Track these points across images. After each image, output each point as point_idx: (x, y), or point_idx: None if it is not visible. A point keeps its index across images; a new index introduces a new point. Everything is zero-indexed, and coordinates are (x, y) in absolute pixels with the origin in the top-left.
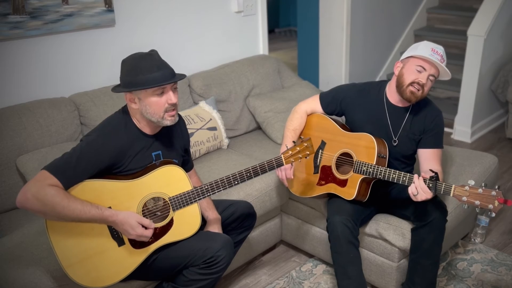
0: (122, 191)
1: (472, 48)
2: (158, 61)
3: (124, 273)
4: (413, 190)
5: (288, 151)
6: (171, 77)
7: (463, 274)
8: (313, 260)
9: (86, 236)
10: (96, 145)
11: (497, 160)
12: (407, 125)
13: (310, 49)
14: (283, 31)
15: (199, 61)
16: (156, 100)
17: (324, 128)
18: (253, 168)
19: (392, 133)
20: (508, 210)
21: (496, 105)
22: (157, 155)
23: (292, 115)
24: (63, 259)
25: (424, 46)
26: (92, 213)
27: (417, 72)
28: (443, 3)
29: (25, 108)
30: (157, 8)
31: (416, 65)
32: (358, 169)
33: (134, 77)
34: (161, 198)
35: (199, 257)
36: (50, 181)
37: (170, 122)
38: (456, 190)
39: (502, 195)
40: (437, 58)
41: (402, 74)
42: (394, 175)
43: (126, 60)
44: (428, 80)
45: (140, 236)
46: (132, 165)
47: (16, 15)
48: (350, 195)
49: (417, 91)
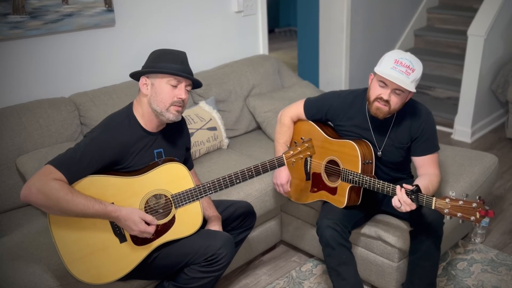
0: (125, 187)
1: (472, 48)
2: (184, 58)
3: (126, 270)
4: (396, 203)
5: (290, 151)
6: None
7: (463, 274)
8: (313, 260)
9: (88, 232)
10: (100, 141)
11: (497, 160)
12: (392, 135)
13: (310, 49)
14: (283, 31)
15: (199, 61)
16: (168, 89)
17: (311, 135)
18: (255, 167)
19: (376, 145)
20: (508, 210)
21: (496, 105)
22: (159, 152)
23: (280, 128)
24: (65, 254)
25: (387, 59)
26: (95, 208)
27: (380, 88)
28: (443, 3)
29: (25, 108)
30: (157, 8)
31: (378, 80)
32: (344, 177)
33: (156, 63)
34: (163, 195)
35: (200, 255)
36: (55, 176)
37: (173, 117)
38: (437, 203)
39: (483, 206)
40: (400, 71)
41: (369, 89)
42: (378, 185)
43: (156, 50)
44: (392, 95)
45: (143, 232)
46: (134, 162)
47: (16, 15)
48: (341, 203)
49: (383, 106)
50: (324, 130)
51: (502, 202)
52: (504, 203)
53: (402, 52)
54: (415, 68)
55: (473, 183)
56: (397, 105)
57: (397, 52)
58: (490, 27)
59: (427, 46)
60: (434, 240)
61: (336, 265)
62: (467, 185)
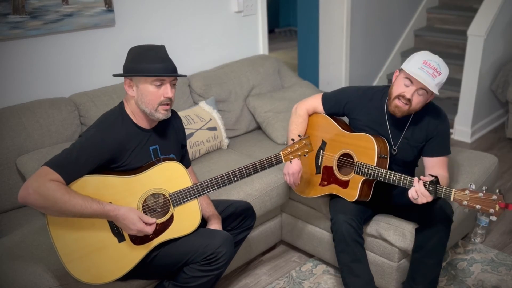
0: (122, 187)
1: (472, 48)
2: (164, 54)
3: (125, 269)
4: (413, 194)
5: (287, 148)
6: (172, 72)
7: (463, 274)
8: (313, 260)
9: (86, 232)
10: (95, 140)
11: (497, 160)
12: (408, 134)
13: (310, 49)
14: (283, 31)
15: (199, 61)
16: (154, 90)
17: (325, 128)
18: (253, 165)
19: (392, 142)
20: (508, 210)
21: (496, 105)
22: (155, 149)
23: (296, 119)
24: (64, 255)
25: (417, 58)
26: (93, 208)
27: (404, 86)
28: (443, 3)
29: (25, 108)
30: (157, 8)
31: (404, 77)
32: (358, 170)
33: (137, 64)
34: (161, 194)
35: (200, 254)
36: (51, 176)
37: (162, 116)
38: (456, 194)
39: (503, 199)
40: (427, 72)
41: (393, 85)
42: (394, 177)
43: (134, 48)
44: (415, 95)
45: (141, 232)
46: (130, 160)
47: (16, 15)
48: (352, 197)
49: (403, 105)
50: (339, 123)
51: None
52: None
53: (431, 54)
54: (442, 72)
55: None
56: (417, 106)
57: (427, 53)
58: (490, 27)
59: (427, 46)
60: (442, 238)
61: (349, 261)
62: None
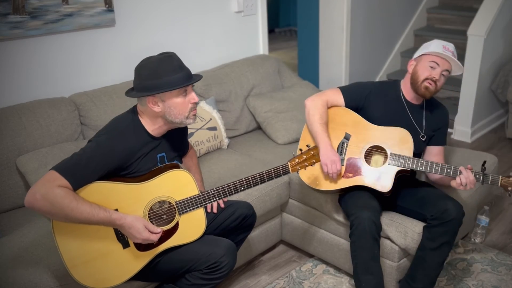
0: (129, 194)
1: (472, 48)
2: (178, 61)
3: (128, 275)
4: (462, 181)
5: (295, 159)
6: (191, 77)
7: (463, 274)
8: (313, 260)
9: (91, 238)
10: (106, 147)
11: (497, 160)
12: (426, 122)
13: (310, 49)
14: (283, 31)
15: (199, 61)
16: (181, 100)
17: (348, 121)
18: (260, 175)
19: (418, 129)
20: (508, 210)
21: (496, 105)
22: (162, 157)
23: (317, 110)
24: (68, 260)
25: (436, 43)
26: (100, 216)
27: (430, 69)
28: (443, 3)
29: (25, 108)
30: (157, 8)
31: (429, 61)
32: (396, 161)
33: (158, 80)
34: (167, 201)
35: (203, 262)
36: (59, 182)
37: (193, 121)
38: (503, 180)
39: None
40: (449, 54)
41: (416, 71)
42: (437, 167)
43: (143, 65)
44: (441, 75)
45: (146, 240)
46: (139, 167)
47: (16, 15)
48: (384, 188)
49: (430, 86)
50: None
51: (502, 202)
52: (504, 203)
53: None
54: (456, 56)
55: None
56: (440, 87)
57: (441, 40)
58: (490, 27)
59: None
60: (450, 237)
61: (368, 259)
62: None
